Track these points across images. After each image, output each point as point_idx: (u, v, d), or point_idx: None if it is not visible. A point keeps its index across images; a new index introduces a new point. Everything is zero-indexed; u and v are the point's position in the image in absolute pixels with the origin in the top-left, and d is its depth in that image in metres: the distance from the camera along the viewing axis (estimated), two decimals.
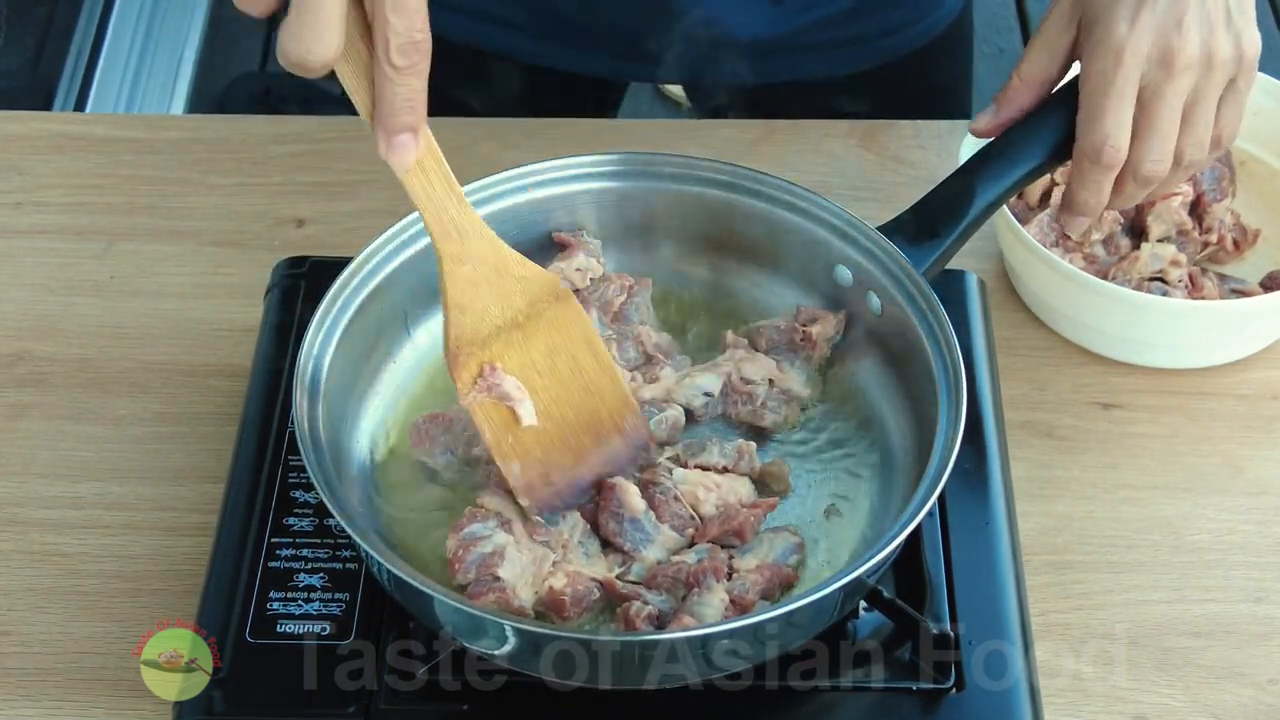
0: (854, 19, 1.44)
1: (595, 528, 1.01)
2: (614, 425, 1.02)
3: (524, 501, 0.99)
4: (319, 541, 1.02)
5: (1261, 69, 1.29)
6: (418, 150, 0.89)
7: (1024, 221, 1.25)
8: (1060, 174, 1.26)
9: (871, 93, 1.50)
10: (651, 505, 1.01)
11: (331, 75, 0.87)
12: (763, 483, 1.05)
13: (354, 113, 0.91)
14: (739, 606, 0.96)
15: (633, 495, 1.00)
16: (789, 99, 1.49)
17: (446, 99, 0.95)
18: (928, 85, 1.55)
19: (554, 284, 0.99)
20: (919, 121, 1.43)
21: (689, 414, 1.08)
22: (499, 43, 1.47)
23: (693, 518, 1.02)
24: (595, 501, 1.01)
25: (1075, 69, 1.08)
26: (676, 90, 2.84)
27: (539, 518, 0.99)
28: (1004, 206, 1.17)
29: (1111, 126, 1.02)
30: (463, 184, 0.95)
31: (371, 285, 1.05)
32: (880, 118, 1.45)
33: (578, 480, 1.01)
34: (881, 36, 1.47)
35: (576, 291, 1.11)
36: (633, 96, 1.77)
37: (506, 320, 0.98)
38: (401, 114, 0.87)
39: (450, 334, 0.96)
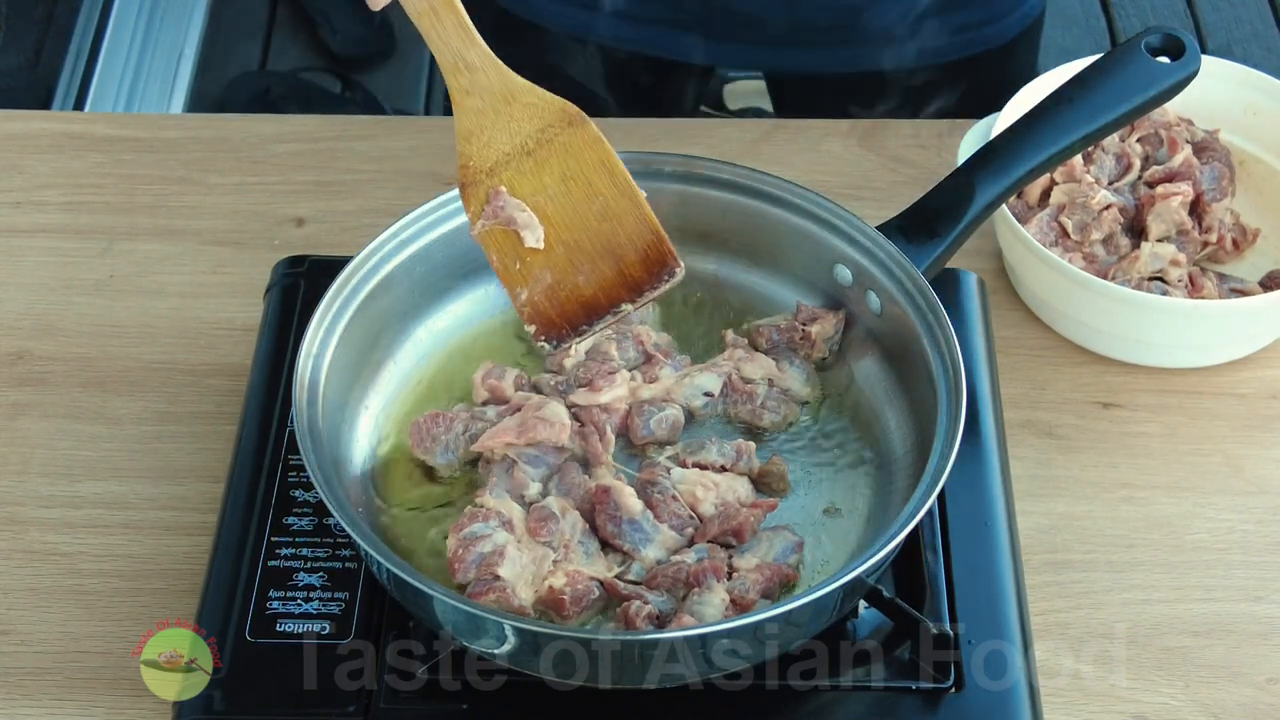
0: (950, 7, 1.45)
1: (594, 528, 1.01)
2: (633, 249, 1.01)
3: (530, 328, 1.01)
4: (319, 541, 1.02)
5: (1261, 69, 1.30)
6: None
7: (1024, 221, 1.25)
8: (1060, 173, 1.27)
9: (952, 86, 1.50)
10: (650, 505, 1.01)
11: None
12: (762, 482, 1.05)
13: (354, 113, 0.91)
14: (739, 606, 0.96)
15: (628, 497, 1.00)
16: (870, 89, 1.49)
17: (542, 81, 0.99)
18: (1004, 81, 1.56)
19: (566, 109, 1.00)
20: (919, 121, 1.43)
21: (689, 414, 1.08)
22: (585, 26, 1.47)
23: (691, 517, 1.02)
24: (592, 502, 1.01)
25: (1076, 65, 1.08)
26: (752, 85, 2.79)
27: (544, 343, 1.01)
28: (1004, 206, 1.17)
29: None
30: None
31: (371, 285, 1.06)
32: (957, 115, 1.45)
33: (592, 304, 1.02)
34: (974, 28, 1.47)
35: None
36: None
37: (515, 147, 0.99)
38: None
39: (460, 164, 0.99)
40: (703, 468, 1.04)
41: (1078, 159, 1.25)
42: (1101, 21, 3.11)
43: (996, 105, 1.27)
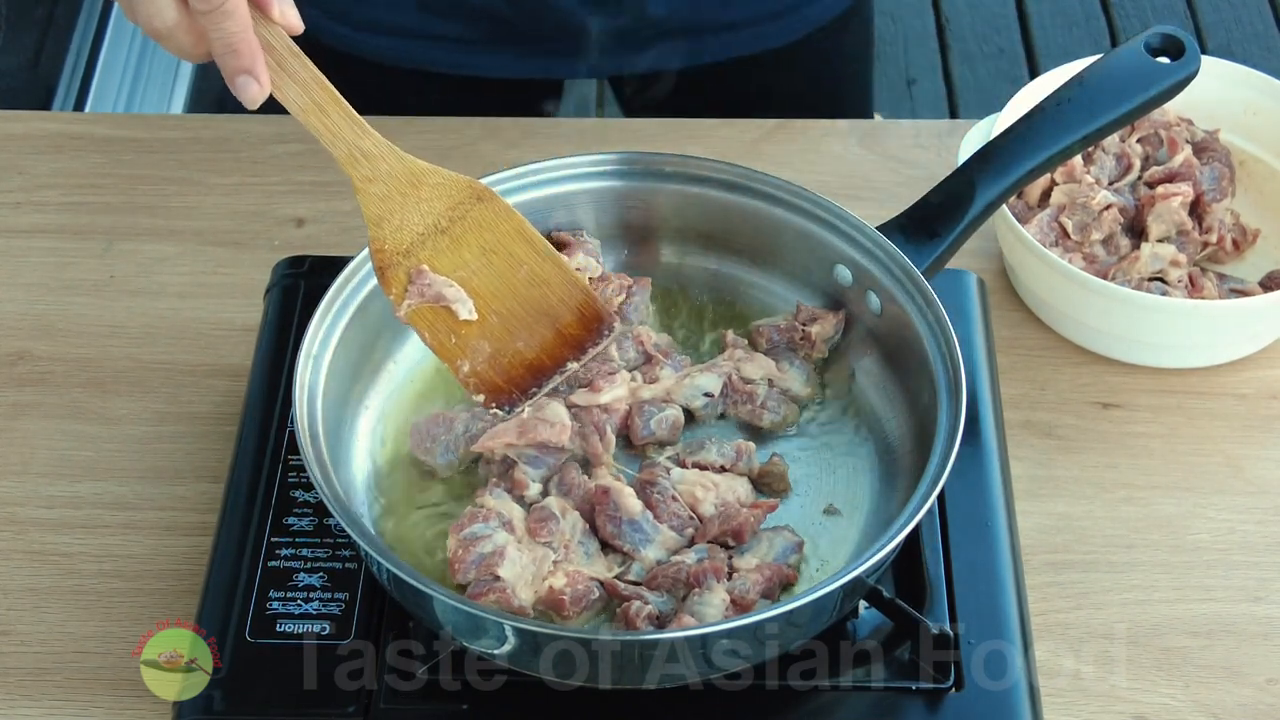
0: None
1: (594, 529, 1.01)
2: (568, 309, 1.05)
3: (477, 397, 1.03)
4: (319, 541, 1.02)
5: (1261, 69, 1.30)
6: (264, 91, 0.95)
7: (1024, 221, 1.25)
8: (1060, 174, 1.27)
9: (781, 73, 1.51)
10: (649, 505, 1.01)
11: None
12: (762, 482, 1.05)
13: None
14: (739, 606, 0.96)
15: (628, 497, 1.00)
16: (718, 81, 1.50)
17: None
18: (835, 62, 1.57)
19: (473, 186, 1.02)
20: (919, 121, 1.43)
21: (689, 414, 1.08)
22: (426, 58, 1.48)
23: (691, 517, 1.02)
24: (592, 502, 1.01)
25: (1076, 65, 1.08)
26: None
27: (497, 409, 1.03)
28: (1004, 206, 1.17)
29: None
30: None
31: (372, 285, 1.05)
32: (792, 99, 1.47)
33: (537, 366, 1.05)
34: (790, 11, 1.48)
35: None
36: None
37: (429, 226, 1.01)
38: (226, 58, 0.94)
39: (373, 249, 1.00)
40: (702, 468, 1.04)
41: (1078, 159, 1.26)
42: (1101, 21, 3.11)
43: (837, 89, 1.26)
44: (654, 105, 1.56)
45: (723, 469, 1.04)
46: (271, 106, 0.98)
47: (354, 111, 0.98)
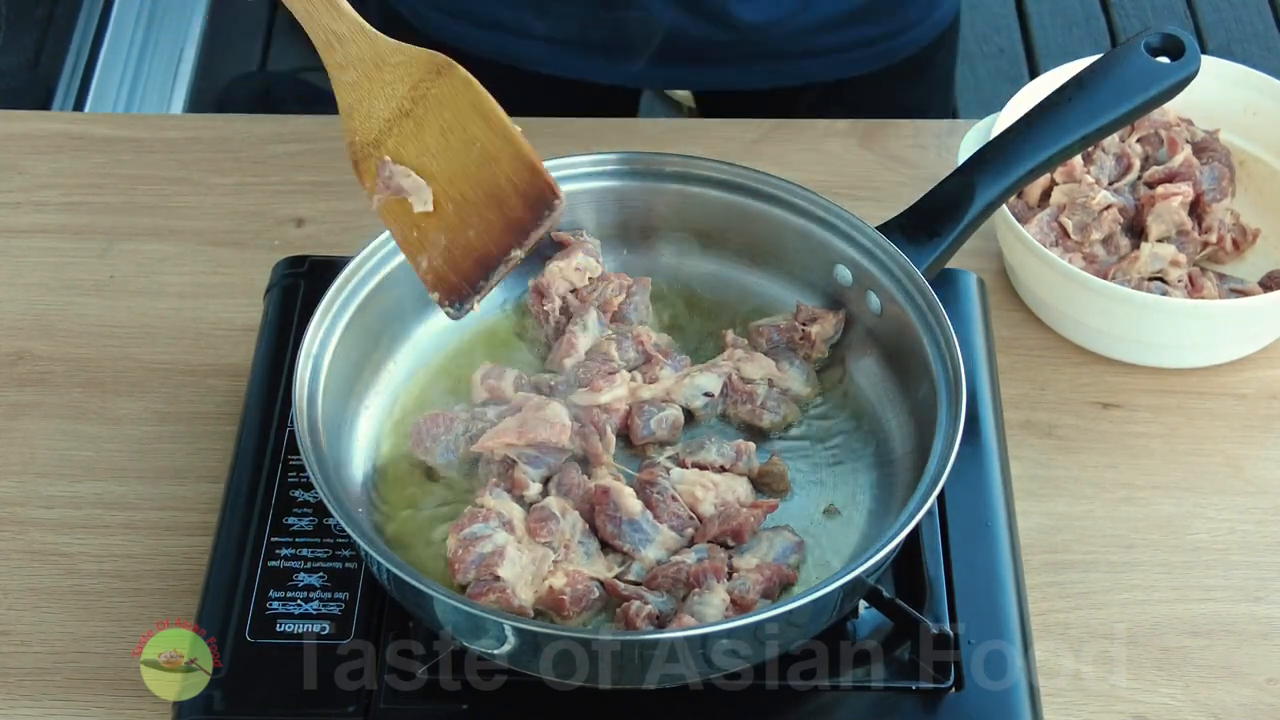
0: (866, 19, 1.45)
1: (594, 529, 1.01)
2: (515, 191, 0.99)
3: (434, 296, 1.00)
4: (319, 541, 1.02)
5: (1261, 69, 1.30)
6: None
7: (1024, 221, 1.25)
8: (1060, 174, 1.27)
9: (874, 95, 1.51)
10: (649, 505, 1.01)
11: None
12: (762, 482, 1.05)
13: None
14: (739, 606, 0.96)
15: (628, 497, 1.00)
16: (804, 104, 1.50)
17: None
18: (918, 92, 1.56)
19: (433, 59, 0.98)
20: (919, 121, 1.43)
21: (689, 414, 1.08)
22: (510, 51, 1.47)
23: (691, 517, 1.02)
24: (591, 503, 1.01)
25: (1076, 65, 1.08)
26: (681, 92, 2.83)
27: (449, 308, 1.00)
28: (1004, 206, 1.17)
29: None
30: None
31: (371, 285, 1.06)
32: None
33: (485, 256, 1.00)
34: (891, 37, 1.48)
35: (574, 291, 1.12)
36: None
37: (394, 111, 0.98)
38: None
39: (347, 142, 0.99)
40: (702, 468, 1.04)
41: (1078, 159, 1.26)
42: (1101, 21, 3.11)
43: (923, 115, 1.27)
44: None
45: (722, 469, 1.04)
46: (270, 106, 0.98)
47: None
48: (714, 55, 1.45)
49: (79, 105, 2.68)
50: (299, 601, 0.99)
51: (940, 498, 1.05)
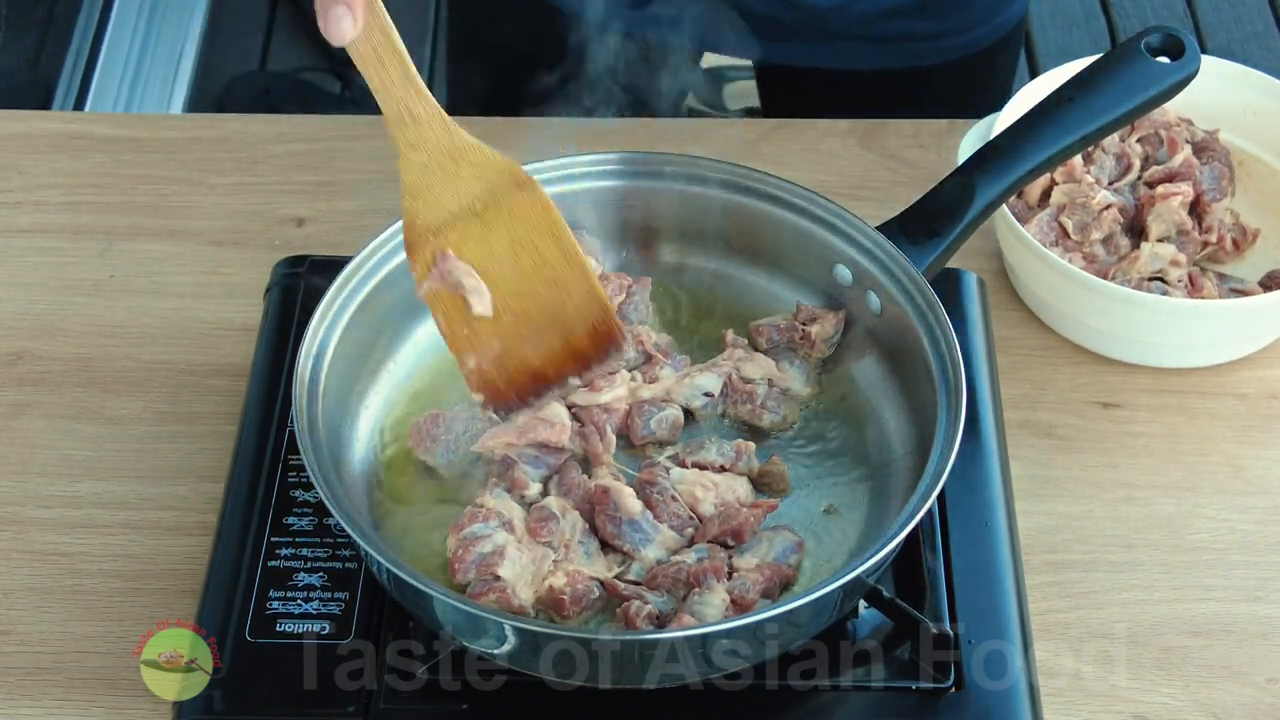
0: (929, 12, 1.46)
1: (594, 529, 1.01)
2: (581, 321, 0.99)
3: (477, 397, 0.99)
4: (319, 541, 1.02)
5: (1261, 69, 1.30)
6: (356, 28, 0.90)
7: (1024, 221, 1.25)
8: (1060, 174, 1.27)
9: (932, 90, 1.51)
10: (649, 505, 1.01)
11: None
12: (762, 482, 1.05)
13: (354, 113, 0.91)
14: (739, 606, 0.96)
15: (628, 497, 1.00)
16: (849, 89, 1.50)
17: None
18: (976, 89, 1.56)
19: (514, 171, 0.98)
20: (919, 121, 1.43)
21: (689, 414, 1.08)
22: (577, 6, 1.47)
23: (691, 517, 1.02)
24: (591, 503, 1.01)
25: (1076, 65, 1.08)
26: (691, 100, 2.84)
27: (493, 414, 0.99)
28: (1004, 206, 1.17)
29: None
30: None
31: (371, 285, 1.05)
32: (952, 108, 1.46)
33: (540, 376, 0.99)
34: (949, 34, 1.48)
35: None
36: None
37: (463, 208, 0.97)
38: None
39: (405, 221, 0.97)
40: (702, 468, 1.04)
41: (1078, 159, 1.25)
42: (1101, 21, 3.11)
43: (978, 112, 1.27)
44: (778, 100, 1.56)
45: (722, 469, 1.04)
46: (270, 106, 0.98)
47: (413, 69, 0.94)
48: (776, 30, 1.46)
49: (79, 105, 2.68)
50: (299, 601, 0.99)
51: (940, 498, 1.05)
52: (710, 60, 2.59)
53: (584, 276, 0.99)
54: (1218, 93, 1.30)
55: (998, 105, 1.26)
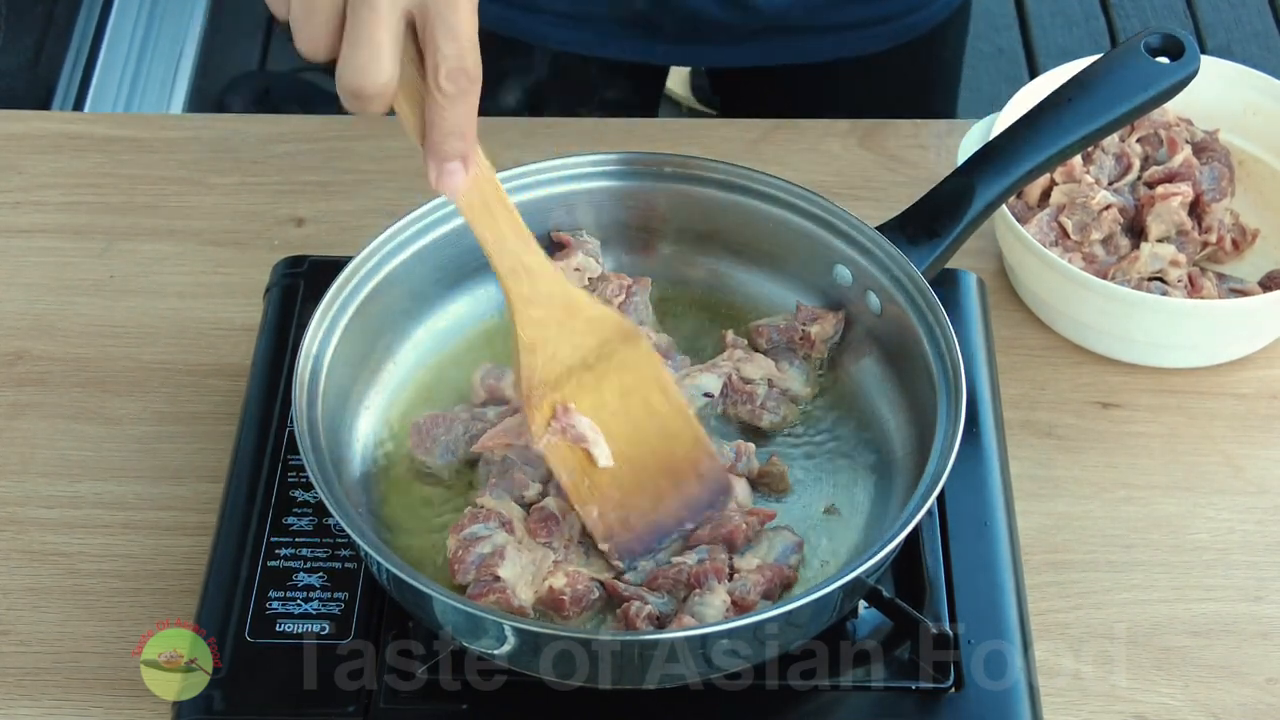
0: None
1: None
2: (691, 468, 1.00)
3: (604, 546, 0.98)
4: (318, 541, 1.02)
5: (1261, 69, 1.30)
6: (468, 179, 0.88)
7: (1024, 221, 1.25)
8: (1060, 174, 1.27)
9: (876, 77, 1.51)
10: None
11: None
12: (762, 482, 1.05)
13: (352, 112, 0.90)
14: (740, 607, 0.96)
15: None
16: (810, 83, 1.50)
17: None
18: (930, 70, 1.57)
19: (624, 325, 0.98)
20: (919, 121, 1.43)
21: None
22: (533, 29, 1.47)
23: None
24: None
25: (1076, 65, 1.08)
26: (678, 91, 2.84)
27: (620, 563, 0.98)
28: (1003, 206, 1.17)
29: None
30: None
31: (371, 285, 1.05)
32: (882, 104, 1.46)
33: (658, 524, 0.99)
34: (897, 17, 1.49)
35: None
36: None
37: (577, 361, 0.96)
38: (450, 140, 0.86)
39: (522, 376, 0.95)
40: None
41: (1078, 159, 1.26)
42: (1101, 21, 3.11)
43: (927, 96, 1.27)
44: (735, 100, 1.57)
45: None
46: (270, 106, 0.97)
47: (520, 219, 0.92)
48: (731, 34, 1.46)
49: (79, 105, 2.68)
50: (299, 601, 0.99)
51: (940, 498, 1.05)
52: None
53: (690, 424, 1.00)
54: (1218, 93, 1.30)
55: (953, 85, 1.26)
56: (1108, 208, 1.24)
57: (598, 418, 0.97)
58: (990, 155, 1.09)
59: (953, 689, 0.97)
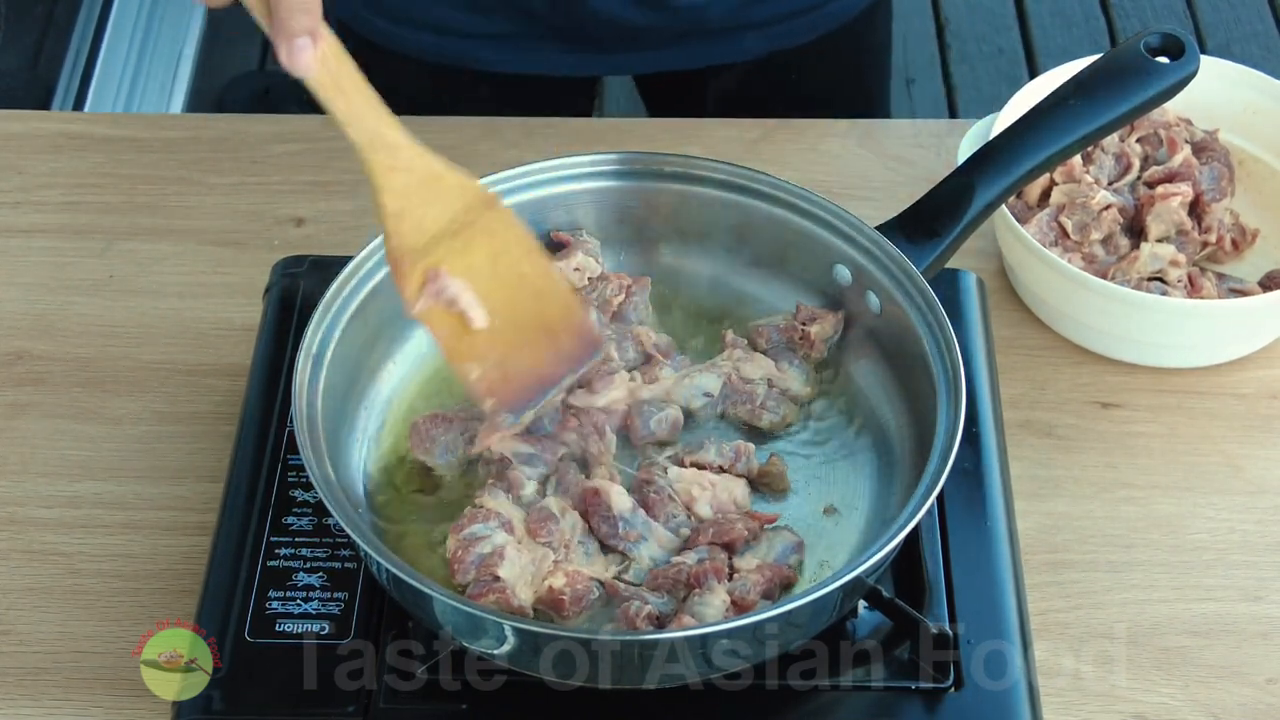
0: None
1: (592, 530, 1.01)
2: (564, 325, 1.03)
3: (487, 404, 1.01)
4: (318, 541, 1.02)
5: (1261, 69, 1.30)
6: (317, 54, 0.90)
7: (1023, 221, 1.25)
8: (1060, 174, 1.27)
9: (808, 71, 1.52)
10: (645, 504, 1.01)
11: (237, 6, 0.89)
12: (761, 482, 1.05)
13: None
14: (740, 607, 0.96)
15: (617, 495, 1.00)
16: (743, 79, 1.52)
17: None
18: (861, 58, 1.59)
19: (484, 192, 1.00)
20: (918, 121, 1.43)
21: (688, 414, 1.08)
22: (458, 52, 1.48)
23: (688, 516, 1.02)
24: (585, 506, 1.01)
25: (1076, 65, 1.08)
26: None
27: (508, 416, 1.01)
28: (1003, 206, 1.17)
29: None
30: None
31: (371, 284, 1.05)
32: (816, 97, 1.47)
33: (539, 376, 1.03)
34: (817, 7, 1.49)
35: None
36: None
37: (443, 228, 0.98)
38: (296, 15, 0.89)
39: (391, 244, 0.97)
40: (701, 468, 1.04)
41: (1077, 159, 1.26)
42: (1101, 21, 3.11)
43: (861, 86, 1.27)
44: (677, 102, 1.57)
45: (721, 469, 1.04)
46: (270, 106, 0.97)
47: (377, 97, 0.95)
48: (653, 39, 1.46)
49: (79, 105, 2.68)
50: (298, 601, 0.99)
51: (940, 498, 1.05)
52: None
53: (558, 284, 1.04)
54: (1217, 93, 1.30)
55: (885, 70, 1.25)
56: (1108, 208, 1.24)
57: (470, 281, 1.00)
58: (990, 155, 1.09)
59: (953, 689, 0.97)
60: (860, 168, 1.38)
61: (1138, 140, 1.29)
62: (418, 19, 1.46)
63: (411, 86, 1.26)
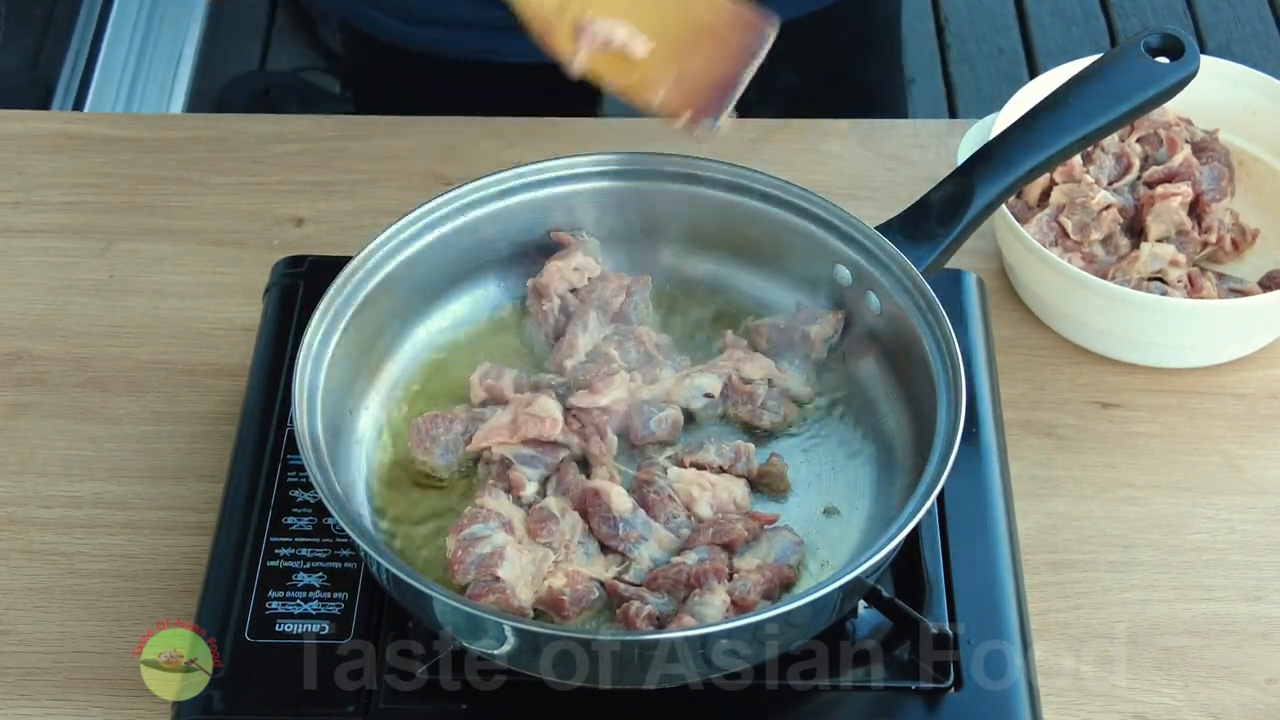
0: None
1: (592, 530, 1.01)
2: (722, 20, 1.03)
3: (679, 123, 1.03)
4: (318, 541, 1.02)
5: (1261, 69, 1.30)
6: None
7: (1024, 221, 1.25)
8: (1060, 174, 1.27)
9: (813, 42, 1.52)
10: (645, 504, 1.01)
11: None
12: (761, 482, 1.05)
13: (354, 112, 0.91)
14: (740, 607, 0.96)
15: (617, 496, 1.00)
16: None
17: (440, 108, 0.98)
18: (869, 29, 1.59)
19: None
20: (919, 121, 1.43)
21: (688, 414, 1.08)
22: (475, 46, 1.47)
23: (688, 517, 1.02)
24: (585, 506, 1.01)
25: (1076, 65, 1.08)
26: None
27: (702, 126, 1.02)
28: (1004, 206, 1.17)
29: None
30: (462, 184, 0.95)
31: (371, 285, 1.06)
32: (823, 67, 1.46)
33: (723, 78, 1.02)
34: None
35: (574, 291, 1.12)
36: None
37: None
38: None
39: (530, 14, 0.99)
40: (701, 468, 1.04)
41: (1077, 159, 1.26)
42: (1101, 21, 3.11)
43: (869, 57, 1.27)
44: None
45: (721, 470, 1.04)
46: (270, 106, 0.97)
47: None
48: None
49: (79, 105, 2.68)
50: (298, 601, 0.99)
51: (940, 498, 1.05)
52: None
53: None
54: (1217, 93, 1.30)
55: (895, 45, 1.24)
56: (1108, 208, 1.24)
57: (615, 17, 1.01)
58: (990, 155, 1.09)
59: (952, 689, 0.97)
60: (860, 168, 1.38)
61: (1138, 140, 1.29)
62: (428, 15, 1.46)
63: (417, 81, 1.25)
